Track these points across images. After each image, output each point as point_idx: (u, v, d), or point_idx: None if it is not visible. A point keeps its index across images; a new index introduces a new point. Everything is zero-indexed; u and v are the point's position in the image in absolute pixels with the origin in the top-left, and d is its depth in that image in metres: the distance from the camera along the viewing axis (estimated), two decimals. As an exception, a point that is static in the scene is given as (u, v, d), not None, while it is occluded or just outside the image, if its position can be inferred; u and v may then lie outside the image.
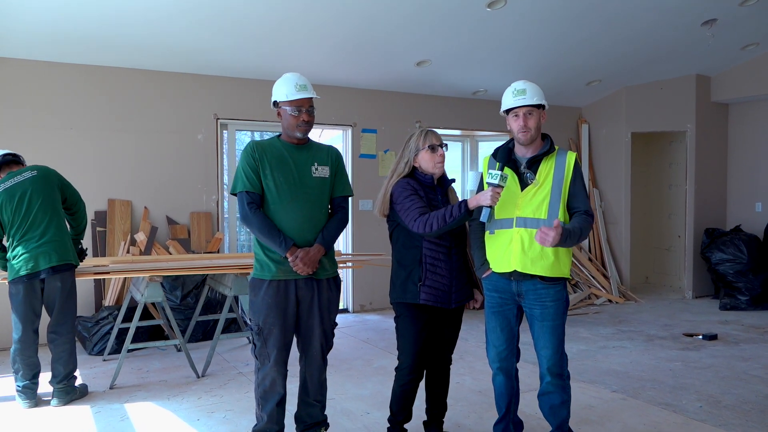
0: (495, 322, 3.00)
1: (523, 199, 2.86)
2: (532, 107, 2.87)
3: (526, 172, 2.90)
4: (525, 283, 2.88)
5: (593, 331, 6.13)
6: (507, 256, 2.88)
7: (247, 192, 2.87)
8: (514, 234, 2.86)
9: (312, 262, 2.86)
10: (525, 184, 2.89)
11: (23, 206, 3.90)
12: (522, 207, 2.85)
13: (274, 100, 2.97)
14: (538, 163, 2.90)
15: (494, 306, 3.00)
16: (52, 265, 3.91)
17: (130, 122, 5.88)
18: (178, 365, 4.94)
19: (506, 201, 2.89)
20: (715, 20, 6.01)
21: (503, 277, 2.92)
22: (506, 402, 3.07)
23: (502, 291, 2.96)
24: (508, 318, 2.98)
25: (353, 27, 5.43)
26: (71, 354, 4.08)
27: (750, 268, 7.13)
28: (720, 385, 4.34)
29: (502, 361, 3.02)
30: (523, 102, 2.86)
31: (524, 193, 2.87)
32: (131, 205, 5.89)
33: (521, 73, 6.71)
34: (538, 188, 2.85)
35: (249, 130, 6.85)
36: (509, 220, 2.88)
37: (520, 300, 2.94)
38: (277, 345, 2.89)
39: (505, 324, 2.99)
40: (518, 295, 2.92)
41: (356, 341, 5.75)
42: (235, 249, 6.63)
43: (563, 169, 2.87)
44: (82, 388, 4.22)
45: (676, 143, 8.64)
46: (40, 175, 4.00)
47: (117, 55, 5.58)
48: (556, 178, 2.85)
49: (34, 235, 3.89)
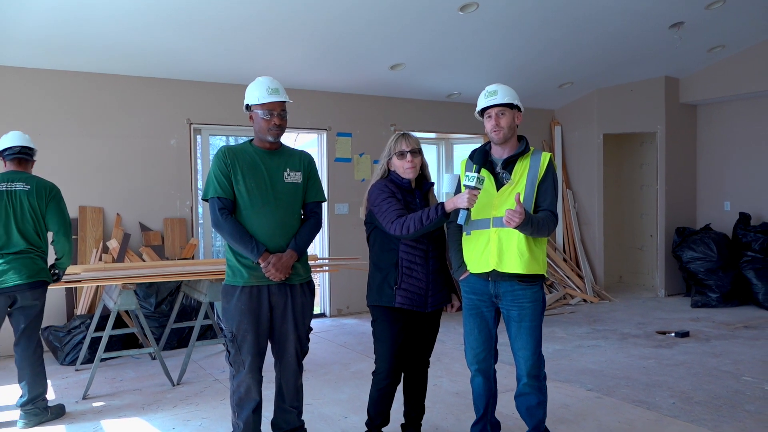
0: (472, 324, 3.01)
1: (498, 199, 2.88)
2: (504, 106, 2.90)
3: (502, 172, 2.93)
4: (502, 284, 2.89)
5: (568, 330, 6.18)
6: (485, 256, 2.90)
7: (219, 198, 2.85)
8: (492, 234, 2.87)
9: (284, 267, 2.85)
10: (501, 184, 2.92)
11: (3, 216, 3.73)
12: (498, 207, 2.87)
13: (246, 103, 2.95)
14: (513, 163, 2.93)
15: (472, 308, 3.01)
16: (22, 281, 3.70)
17: (101, 128, 5.79)
18: (152, 374, 4.86)
19: (483, 202, 2.91)
20: (682, 23, 6.12)
21: (481, 278, 2.94)
22: (484, 403, 3.08)
23: (480, 293, 2.97)
24: (486, 320, 2.99)
25: (323, 29, 5.41)
26: (37, 375, 3.81)
27: (720, 266, 7.26)
28: (692, 382, 4.40)
29: (480, 363, 3.03)
30: (494, 101, 2.90)
31: (500, 193, 2.89)
32: (103, 212, 5.80)
33: (495, 75, 6.76)
34: (513, 187, 2.88)
35: (223, 135, 6.80)
36: (486, 220, 2.90)
37: (497, 301, 2.95)
38: (251, 351, 2.87)
39: (482, 326, 3.00)
40: (495, 296, 2.93)
41: (333, 345, 5.73)
42: (210, 255, 6.57)
43: (537, 168, 2.89)
44: (58, 409, 3.95)
45: (647, 144, 8.77)
46: (31, 189, 3.82)
47: (85, 59, 5.48)
48: (530, 178, 2.89)
49: (10, 248, 3.72)
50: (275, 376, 3.07)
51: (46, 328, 5.30)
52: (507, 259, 2.85)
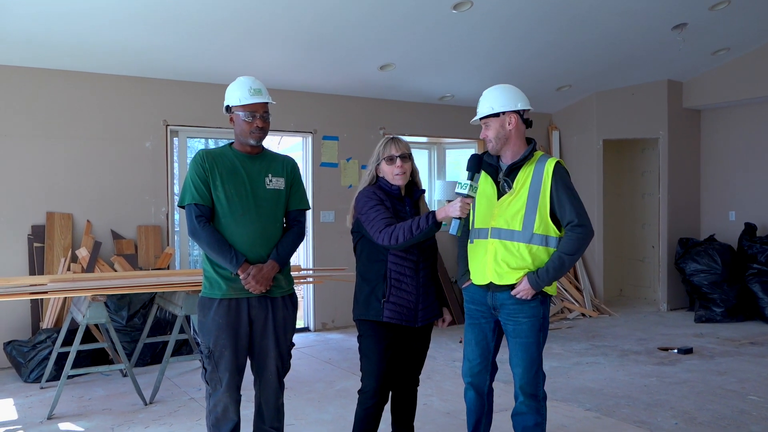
0: (471, 335, 3.03)
1: (498, 208, 2.88)
2: (486, 117, 2.92)
3: (503, 180, 2.92)
4: (499, 295, 2.90)
5: (566, 346, 6.20)
6: (483, 267, 2.91)
7: (196, 204, 2.83)
8: (489, 245, 2.89)
9: (265, 279, 2.83)
10: (503, 192, 2.91)
11: None
12: (497, 217, 2.87)
13: (226, 104, 2.95)
14: (517, 170, 2.91)
15: (471, 318, 3.03)
16: None
17: (72, 129, 5.75)
18: (123, 392, 4.82)
19: (484, 210, 2.92)
20: (685, 24, 6.19)
21: (481, 288, 2.95)
22: (474, 419, 3.08)
23: (479, 303, 2.99)
24: (484, 332, 3.00)
25: (309, 25, 5.41)
26: None
27: (724, 279, 7.31)
28: (695, 401, 4.42)
29: (474, 376, 3.03)
30: (476, 117, 2.96)
31: (500, 202, 2.89)
32: (72, 219, 5.75)
33: (489, 77, 6.79)
34: (514, 197, 2.86)
35: (202, 137, 6.78)
36: (485, 230, 2.91)
37: (496, 314, 2.96)
38: (229, 368, 2.85)
39: (480, 337, 3.01)
40: (494, 308, 2.94)
41: (317, 362, 5.70)
42: (187, 265, 6.53)
43: (541, 176, 2.85)
44: None
45: (649, 150, 8.84)
46: None
47: (54, 56, 5.45)
48: (532, 187, 2.85)
49: None
50: (254, 395, 3.04)
51: (9, 342, 5.24)
52: (504, 272, 2.85)
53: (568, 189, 2.85)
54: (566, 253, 2.81)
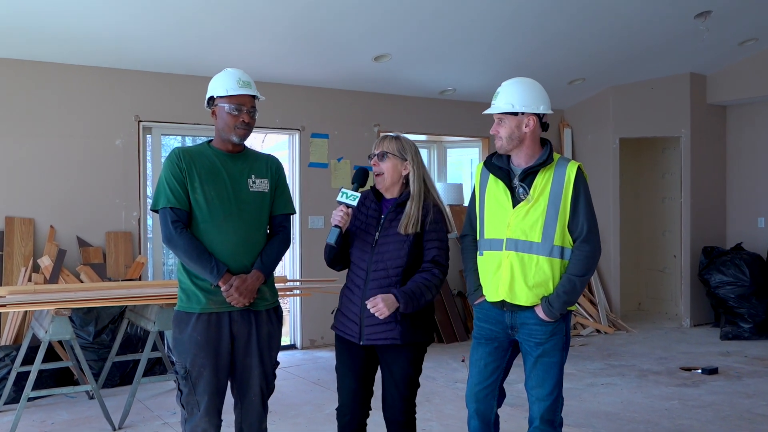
0: (477, 355, 3.02)
1: (514, 217, 2.87)
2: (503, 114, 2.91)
3: (519, 186, 2.90)
4: (519, 314, 2.89)
5: (579, 366, 6.21)
6: (495, 283, 2.90)
7: (172, 208, 2.82)
8: (504, 258, 2.88)
9: (249, 291, 2.83)
10: (518, 200, 2.89)
11: None
12: (513, 227, 2.86)
13: (210, 95, 2.95)
14: (534, 174, 2.89)
15: (480, 337, 3.02)
16: None
17: (33, 125, 5.74)
18: (89, 416, 4.81)
19: (497, 219, 2.90)
20: (709, 12, 6.22)
21: (496, 306, 2.94)
22: (478, 453, 3.06)
23: (494, 322, 2.97)
24: (496, 353, 2.99)
25: (297, 13, 5.42)
26: None
27: (753, 292, 7.34)
28: (721, 426, 4.44)
29: (479, 402, 3.01)
30: (492, 109, 2.95)
31: (516, 210, 2.87)
32: (34, 224, 5.74)
33: (494, 69, 6.82)
34: (532, 205, 2.85)
35: (177, 135, 6.78)
36: (499, 241, 2.89)
37: (513, 334, 2.94)
38: (208, 391, 2.84)
39: (489, 360, 2.99)
40: (512, 327, 2.93)
41: (305, 383, 5.70)
42: (161, 276, 6.52)
43: (562, 182, 2.85)
44: None
45: (670, 150, 8.88)
46: None
47: (12, 43, 5.43)
48: (552, 194, 2.84)
49: None
50: (235, 420, 3.03)
51: (-38, 361, 5.23)
52: (521, 290, 2.85)
53: (586, 200, 2.87)
54: (576, 274, 2.83)
